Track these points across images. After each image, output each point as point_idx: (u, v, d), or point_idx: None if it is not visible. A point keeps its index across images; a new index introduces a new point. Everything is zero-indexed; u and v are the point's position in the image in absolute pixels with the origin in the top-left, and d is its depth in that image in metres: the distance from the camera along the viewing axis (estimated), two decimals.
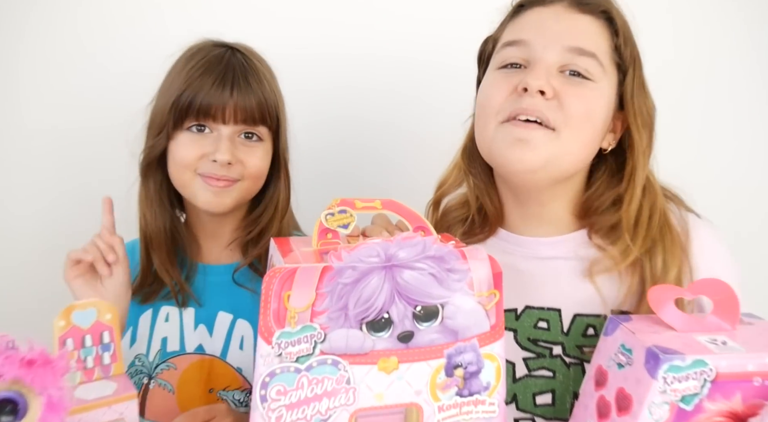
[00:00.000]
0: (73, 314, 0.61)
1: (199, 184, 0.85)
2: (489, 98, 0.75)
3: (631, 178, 0.74)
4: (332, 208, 0.62)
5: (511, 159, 0.72)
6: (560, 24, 0.73)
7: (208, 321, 0.90)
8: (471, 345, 0.60)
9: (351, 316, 0.57)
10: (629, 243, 0.72)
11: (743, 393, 0.56)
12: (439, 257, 0.58)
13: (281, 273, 0.55)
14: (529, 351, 0.76)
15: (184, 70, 0.85)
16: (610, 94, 0.74)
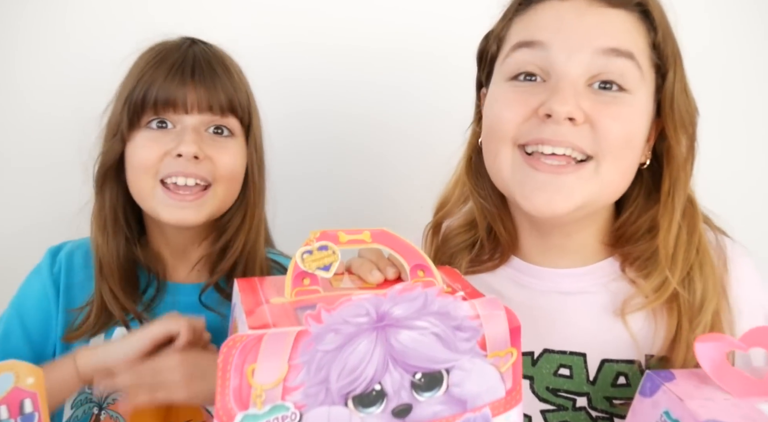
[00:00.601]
0: None
1: (160, 197, 0.73)
2: (500, 120, 0.61)
3: (669, 197, 0.63)
4: (310, 244, 0.50)
5: (537, 204, 0.60)
6: (585, 20, 0.59)
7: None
8: (482, 416, 0.49)
9: (334, 390, 0.45)
10: (668, 276, 0.61)
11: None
12: (444, 313, 0.46)
13: (243, 342, 0.42)
14: (548, 402, 0.65)
15: (138, 66, 0.76)
16: (648, 104, 0.62)
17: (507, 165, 0.62)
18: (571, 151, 0.59)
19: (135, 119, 0.74)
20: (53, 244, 0.83)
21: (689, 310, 0.61)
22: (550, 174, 0.59)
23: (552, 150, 0.59)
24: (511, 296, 0.67)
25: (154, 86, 0.73)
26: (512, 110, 0.61)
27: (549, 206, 0.59)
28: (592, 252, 0.67)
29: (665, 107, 0.62)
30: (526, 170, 0.60)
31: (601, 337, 0.64)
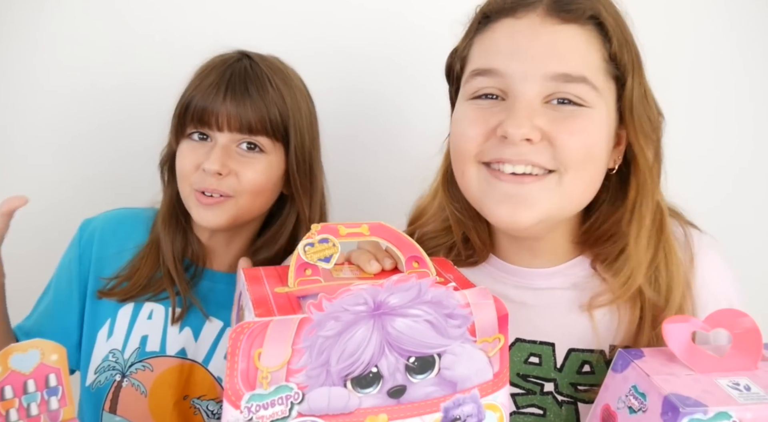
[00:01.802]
0: (11, 359, 0.53)
1: (192, 201, 0.80)
2: (463, 139, 0.63)
3: (637, 205, 0.64)
4: (312, 237, 0.53)
5: (501, 216, 0.61)
6: (538, 42, 0.60)
7: (196, 325, 0.84)
8: (471, 396, 0.53)
9: (333, 372, 0.49)
10: (634, 274, 0.64)
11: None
12: (436, 302, 0.50)
13: (250, 329, 0.46)
14: (518, 386, 0.69)
15: (194, 76, 0.82)
16: (609, 114, 0.62)
17: (474, 181, 0.64)
18: (531, 168, 0.60)
19: (180, 128, 0.81)
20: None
21: (653, 307, 0.64)
22: (513, 184, 0.61)
23: (512, 169, 0.61)
24: (492, 290, 0.69)
25: (196, 98, 0.79)
26: (473, 128, 0.62)
27: (512, 218, 0.61)
28: (563, 252, 0.70)
29: (626, 115, 0.63)
30: (490, 182, 0.62)
31: (568, 329, 0.67)
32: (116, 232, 0.87)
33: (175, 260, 0.84)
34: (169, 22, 1.10)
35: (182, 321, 0.84)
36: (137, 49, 1.09)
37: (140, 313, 0.85)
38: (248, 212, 0.82)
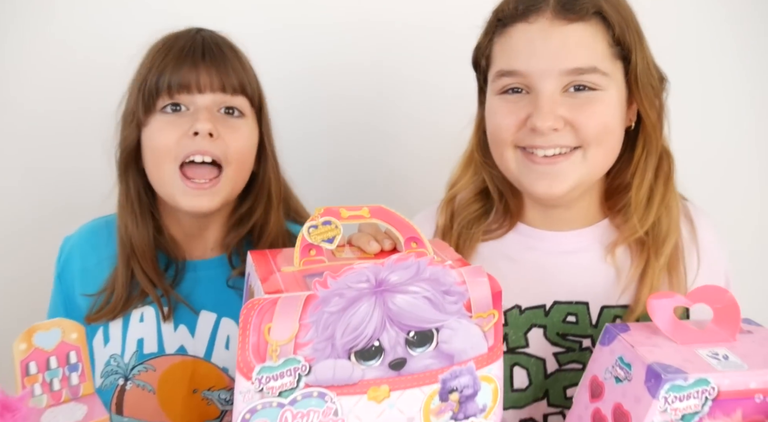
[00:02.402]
0: (35, 337, 0.57)
1: (178, 185, 0.76)
2: (499, 130, 0.73)
3: (642, 157, 0.74)
4: (315, 219, 0.56)
5: (539, 190, 0.72)
6: (550, 43, 0.68)
7: (190, 321, 0.83)
8: (467, 369, 0.56)
9: (338, 346, 0.52)
10: (642, 214, 0.73)
11: (744, 409, 0.54)
12: (434, 279, 0.53)
13: (260, 305, 0.49)
14: (559, 345, 0.76)
15: (149, 56, 0.79)
16: (619, 89, 0.72)
17: (512, 163, 0.74)
18: (559, 149, 0.70)
19: (150, 105, 0.77)
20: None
21: (655, 243, 0.74)
22: (547, 165, 0.71)
23: (544, 153, 0.71)
24: (521, 258, 0.78)
25: (166, 71, 0.76)
26: (506, 120, 0.72)
27: (549, 190, 0.71)
28: (589, 217, 0.78)
29: (632, 86, 0.72)
30: (526, 164, 0.72)
31: (599, 288, 0.75)
32: (92, 243, 0.86)
33: (150, 260, 0.81)
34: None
35: (174, 319, 0.83)
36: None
37: (131, 318, 0.83)
38: (237, 186, 0.81)
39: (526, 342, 0.77)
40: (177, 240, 0.85)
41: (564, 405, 0.75)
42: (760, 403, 0.54)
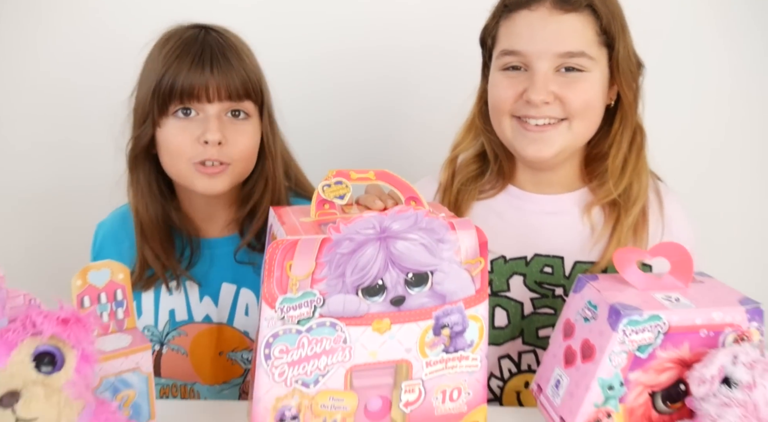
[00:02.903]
0: (89, 274, 0.65)
1: (195, 173, 0.85)
2: (499, 100, 0.85)
3: (618, 131, 0.86)
4: (329, 179, 0.65)
5: (529, 154, 0.84)
6: (547, 29, 0.81)
7: (213, 293, 0.93)
8: (457, 308, 0.66)
9: (348, 283, 0.61)
10: (617, 179, 0.84)
11: (691, 342, 0.64)
12: (429, 229, 0.63)
13: (284, 245, 0.59)
14: (535, 292, 0.88)
15: (161, 56, 0.84)
16: (603, 72, 0.84)
17: (508, 130, 0.86)
18: (548, 120, 0.83)
19: (164, 108, 0.84)
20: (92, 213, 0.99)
21: (626, 204, 0.85)
22: (537, 132, 0.83)
23: (535, 122, 0.83)
24: (509, 216, 0.90)
25: (179, 77, 0.82)
26: (506, 92, 0.84)
27: (538, 154, 0.84)
28: (570, 183, 0.90)
29: (614, 70, 0.84)
30: (520, 131, 0.84)
31: (574, 245, 0.87)
32: (124, 228, 0.94)
33: (162, 243, 0.89)
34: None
35: (200, 292, 0.92)
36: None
37: (161, 292, 0.92)
38: (241, 175, 0.89)
39: (507, 287, 0.88)
40: (194, 219, 0.94)
41: (536, 344, 0.87)
42: (704, 337, 0.63)
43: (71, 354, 0.49)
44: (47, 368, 0.47)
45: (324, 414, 0.64)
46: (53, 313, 0.48)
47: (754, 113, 1.32)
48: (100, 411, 0.52)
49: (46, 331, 0.47)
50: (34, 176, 1.28)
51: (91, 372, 0.50)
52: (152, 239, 0.89)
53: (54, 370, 0.47)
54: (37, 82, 1.25)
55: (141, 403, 0.66)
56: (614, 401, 0.64)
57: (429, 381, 0.67)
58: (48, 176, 1.28)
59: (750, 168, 1.35)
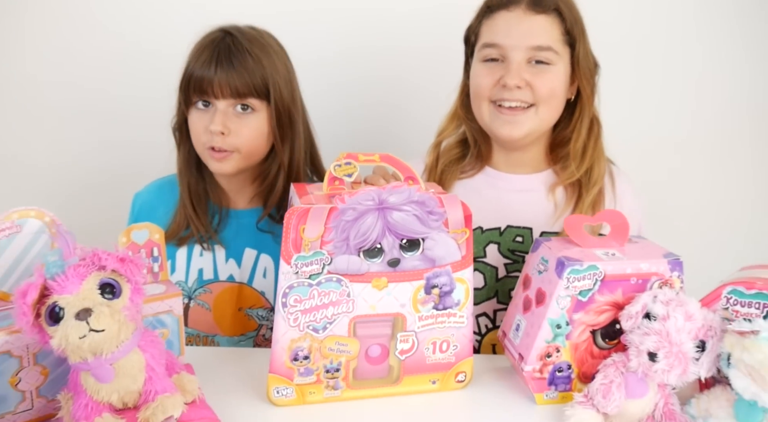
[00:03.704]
0: (132, 233, 0.79)
1: (207, 155, 1.01)
2: (479, 87, 0.99)
3: (578, 121, 1.01)
4: (339, 160, 0.78)
5: (503, 134, 0.99)
6: (522, 26, 0.95)
7: (237, 256, 1.08)
8: (445, 271, 0.77)
9: (351, 245, 0.73)
10: (578, 163, 0.98)
11: (623, 288, 0.76)
12: (421, 202, 0.74)
13: (298, 211, 0.71)
14: (508, 258, 1.02)
15: (191, 53, 1.01)
16: (566, 67, 0.98)
17: (486, 113, 1.00)
18: (520, 103, 0.97)
19: (188, 100, 1.00)
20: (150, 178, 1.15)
21: (587, 184, 0.99)
22: (510, 115, 0.97)
23: (509, 104, 0.97)
24: (486, 193, 1.03)
25: (195, 73, 0.98)
26: (486, 80, 0.98)
27: (510, 134, 0.98)
28: (538, 164, 1.05)
29: (575, 67, 0.98)
30: (496, 114, 0.99)
31: (541, 217, 1.01)
32: (159, 197, 1.09)
33: (194, 206, 1.05)
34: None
35: (226, 254, 1.07)
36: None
37: (193, 253, 1.08)
38: (249, 160, 1.02)
39: (484, 254, 1.02)
40: (225, 193, 1.10)
41: (508, 303, 0.95)
42: (634, 284, 0.76)
43: (126, 286, 0.62)
44: (109, 295, 0.61)
45: (331, 356, 0.77)
46: (114, 253, 0.62)
47: (718, 109, 1.44)
48: (146, 334, 0.65)
49: (108, 266, 0.61)
50: (99, 161, 1.48)
51: (140, 301, 0.64)
52: (190, 203, 1.06)
53: (114, 297, 0.61)
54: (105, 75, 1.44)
55: (173, 340, 0.79)
56: (561, 338, 0.76)
57: (421, 333, 0.78)
58: (107, 158, 1.48)
59: (712, 161, 1.47)
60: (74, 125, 1.46)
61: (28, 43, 1.43)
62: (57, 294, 0.59)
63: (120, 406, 0.64)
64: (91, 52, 1.42)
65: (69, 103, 1.45)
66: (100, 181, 1.47)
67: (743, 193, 1.48)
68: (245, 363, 0.88)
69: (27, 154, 1.47)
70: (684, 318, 0.68)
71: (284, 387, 0.77)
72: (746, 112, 1.45)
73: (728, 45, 1.42)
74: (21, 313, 0.58)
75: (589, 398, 0.73)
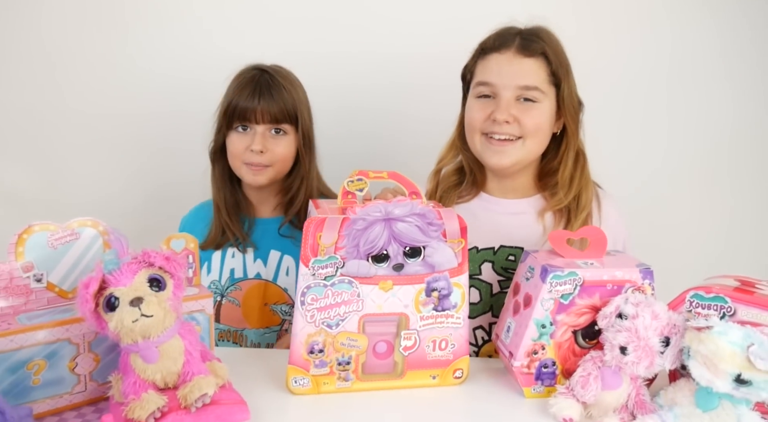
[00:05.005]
0: (171, 242, 0.90)
1: (245, 169, 1.22)
2: (473, 120, 1.11)
3: (564, 153, 1.12)
4: (352, 177, 0.89)
5: (492, 162, 1.11)
6: (512, 67, 1.07)
7: (263, 257, 1.26)
8: (444, 276, 0.88)
9: (361, 251, 0.84)
10: (566, 191, 1.09)
11: (601, 293, 0.85)
12: (422, 214, 0.85)
13: (316, 221, 0.83)
14: (501, 275, 1.12)
15: (231, 88, 1.22)
16: (552, 105, 1.10)
17: (478, 144, 1.12)
18: (508, 136, 1.08)
19: (229, 124, 1.21)
20: (184, 198, 1.34)
21: (576, 210, 1.09)
22: (499, 146, 1.09)
23: (499, 137, 1.08)
24: (481, 216, 1.14)
25: (239, 104, 1.19)
26: (478, 114, 1.10)
27: (499, 163, 1.10)
28: (528, 190, 1.16)
29: (561, 104, 1.09)
30: (487, 145, 1.10)
31: (532, 238, 1.11)
32: (200, 217, 1.29)
33: (229, 215, 1.24)
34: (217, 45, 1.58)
35: (254, 256, 1.24)
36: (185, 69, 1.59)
37: (227, 255, 1.26)
38: (278, 174, 1.22)
39: (479, 271, 1.12)
40: (252, 204, 1.28)
41: None
42: (610, 290, 0.86)
43: (170, 281, 0.74)
44: (156, 288, 0.72)
45: (343, 350, 0.87)
46: (161, 253, 0.73)
47: (700, 145, 1.62)
48: (185, 324, 0.77)
49: (156, 264, 0.73)
50: (140, 176, 1.65)
51: (181, 295, 0.75)
52: (226, 212, 1.24)
53: (160, 290, 0.72)
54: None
55: (205, 337, 0.90)
56: (546, 337, 0.86)
57: (422, 331, 0.89)
58: (151, 175, 1.66)
59: (693, 189, 1.64)
60: (121, 154, 1.65)
61: (76, 81, 1.62)
62: (113, 286, 0.71)
63: (162, 386, 0.75)
64: (132, 89, 1.61)
65: (114, 133, 1.63)
66: (145, 202, 1.65)
67: (723, 216, 1.65)
68: (266, 361, 0.98)
69: (80, 178, 1.66)
70: (651, 317, 0.78)
71: (301, 377, 0.87)
72: (728, 145, 1.62)
73: (709, 86, 1.59)
74: (83, 301, 0.70)
75: (570, 389, 0.83)
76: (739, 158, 1.63)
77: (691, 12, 1.56)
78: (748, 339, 0.72)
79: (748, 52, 1.57)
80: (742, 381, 0.71)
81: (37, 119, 1.62)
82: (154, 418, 0.70)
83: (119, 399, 0.74)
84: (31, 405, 0.76)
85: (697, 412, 0.75)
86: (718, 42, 1.57)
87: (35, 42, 1.59)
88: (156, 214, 1.50)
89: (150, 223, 1.43)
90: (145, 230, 1.39)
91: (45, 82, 1.61)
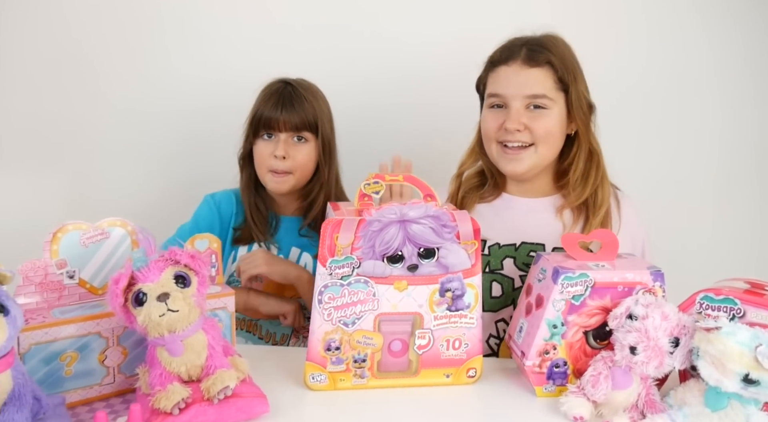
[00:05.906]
0: (195, 242, 0.94)
1: (269, 177, 1.30)
2: (487, 130, 1.17)
3: (576, 154, 1.17)
4: (369, 180, 0.92)
5: (508, 170, 1.16)
6: (519, 78, 1.13)
7: (285, 253, 1.34)
8: (457, 277, 0.90)
9: (377, 252, 0.87)
10: (581, 188, 1.13)
11: (612, 295, 0.87)
12: (436, 217, 0.88)
13: (333, 222, 0.86)
14: (522, 270, 1.16)
15: (258, 99, 1.32)
16: (561, 110, 1.14)
17: (494, 152, 1.17)
18: (520, 143, 1.13)
19: (256, 132, 1.30)
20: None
21: (593, 207, 1.14)
22: (513, 154, 1.14)
23: (512, 144, 1.14)
24: (503, 214, 1.19)
25: (264, 114, 1.28)
26: (492, 124, 1.16)
27: (514, 170, 1.16)
28: (546, 190, 1.21)
29: (571, 108, 1.14)
30: (501, 154, 1.16)
31: (552, 236, 1.14)
32: (229, 201, 1.37)
33: (252, 215, 1.33)
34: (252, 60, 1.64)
35: (277, 251, 1.33)
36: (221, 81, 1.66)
37: (252, 248, 1.32)
38: (299, 181, 1.30)
39: (502, 266, 1.14)
40: (278, 203, 1.36)
41: None
42: (621, 291, 0.87)
43: (195, 278, 0.77)
44: (181, 285, 0.76)
45: (358, 347, 0.90)
46: (186, 251, 0.77)
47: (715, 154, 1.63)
48: (208, 320, 0.80)
49: (181, 261, 0.77)
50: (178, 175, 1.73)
51: (205, 292, 0.79)
52: (251, 215, 1.34)
53: (185, 286, 0.76)
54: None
55: (226, 333, 0.94)
56: (558, 337, 0.87)
57: (436, 331, 0.91)
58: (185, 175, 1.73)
59: (712, 196, 1.66)
60: (141, 152, 1.71)
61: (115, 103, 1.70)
62: (141, 283, 0.75)
63: (186, 378, 0.79)
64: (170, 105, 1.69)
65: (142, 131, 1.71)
66: (165, 199, 1.71)
67: (734, 220, 1.66)
68: (284, 358, 1.02)
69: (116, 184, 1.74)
70: (661, 318, 0.80)
71: (319, 374, 0.90)
72: (739, 150, 1.63)
73: (729, 97, 1.59)
74: (113, 296, 0.74)
75: (581, 388, 0.84)
76: (750, 162, 1.63)
77: (713, 16, 1.57)
78: (756, 339, 0.73)
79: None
80: (750, 380, 0.72)
81: (71, 120, 1.69)
82: (179, 408, 0.74)
83: (146, 391, 0.78)
84: (64, 395, 0.80)
85: (706, 412, 0.76)
86: (742, 45, 1.57)
87: (57, 45, 1.66)
88: (175, 212, 1.55)
89: (170, 220, 1.47)
90: (166, 226, 1.46)
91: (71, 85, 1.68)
